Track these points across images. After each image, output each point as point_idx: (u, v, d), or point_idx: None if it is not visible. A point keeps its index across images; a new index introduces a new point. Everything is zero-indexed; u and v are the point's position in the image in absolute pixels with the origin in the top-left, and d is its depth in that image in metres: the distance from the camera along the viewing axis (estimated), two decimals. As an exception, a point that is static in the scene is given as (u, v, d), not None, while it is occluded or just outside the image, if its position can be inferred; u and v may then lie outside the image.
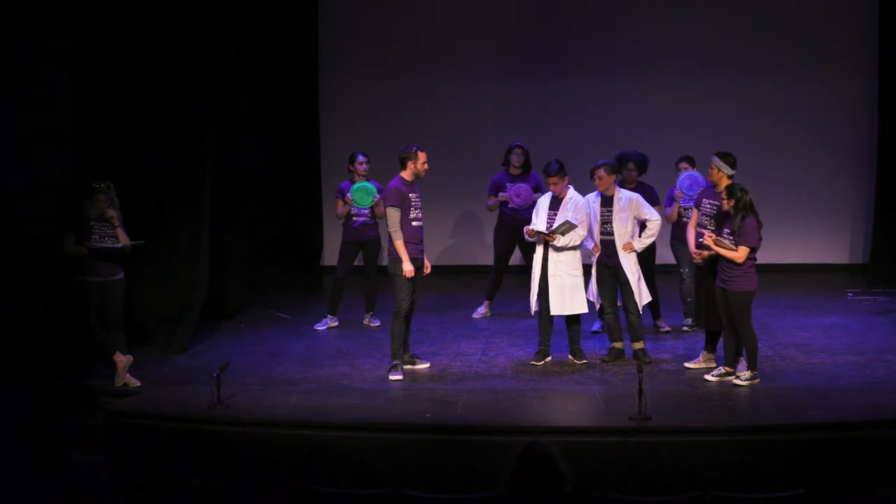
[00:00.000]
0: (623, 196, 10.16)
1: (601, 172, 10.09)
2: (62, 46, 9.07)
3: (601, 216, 10.16)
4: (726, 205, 9.26)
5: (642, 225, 10.31)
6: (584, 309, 10.13)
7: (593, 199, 10.21)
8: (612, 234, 10.13)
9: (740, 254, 9.19)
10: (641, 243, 10.22)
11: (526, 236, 10.18)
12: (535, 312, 10.21)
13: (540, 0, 14.73)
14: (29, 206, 8.80)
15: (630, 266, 10.15)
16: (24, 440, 8.42)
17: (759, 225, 9.26)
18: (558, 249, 10.01)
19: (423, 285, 10.06)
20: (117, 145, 10.47)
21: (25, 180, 8.78)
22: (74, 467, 8.17)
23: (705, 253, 9.46)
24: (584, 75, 14.66)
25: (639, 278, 10.22)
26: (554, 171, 10.01)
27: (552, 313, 10.09)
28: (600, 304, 10.42)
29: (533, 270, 10.15)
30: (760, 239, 9.27)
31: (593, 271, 10.32)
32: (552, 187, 10.05)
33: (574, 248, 10.04)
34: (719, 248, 9.23)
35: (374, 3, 14.86)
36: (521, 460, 4.94)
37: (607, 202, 10.16)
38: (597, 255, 10.24)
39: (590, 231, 10.17)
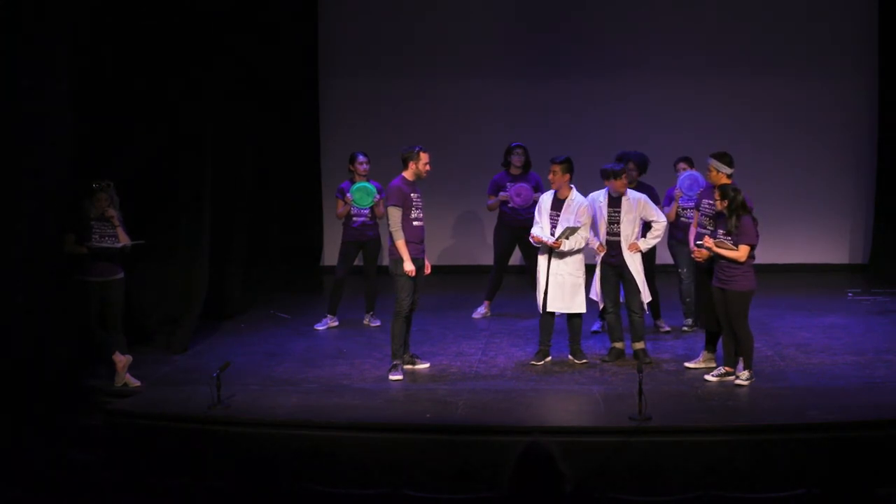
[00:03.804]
0: (631, 197, 10.16)
1: (623, 179, 10.11)
2: (62, 46, 9.06)
3: (608, 216, 10.16)
4: (719, 205, 9.28)
5: (646, 225, 10.32)
6: (583, 309, 10.13)
7: (601, 197, 10.21)
8: (618, 234, 10.14)
9: (741, 253, 9.20)
10: (646, 244, 10.23)
11: (532, 241, 10.18)
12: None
13: (540, 0, 14.74)
14: (29, 206, 8.79)
15: (635, 265, 10.16)
16: (25, 440, 8.41)
17: (755, 221, 9.29)
18: (563, 252, 10.00)
19: (423, 285, 10.06)
20: (117, 145, 10.47)
21: (25, 180, 8.77)
22: (74, 467, 8.15)
23: (704, 251, 9.47)
24: (584, 75, 14.67)
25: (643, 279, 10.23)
26: (559, 160, 10.00)
27: (549, 309, 10.09)
28: (603, 305, 10.42)
29: (538, 269, 10.15)
30: (758, 235, 9.30)
31: (597, 270, 10.32)
32: (550, 176, 10.04)
33: (579, 249, 10.04)
34: (720, 249, 9.24)
35: (374, 4, 14.86)
36: (521, 460, 4.94)
37: (615, 202, 10.15)
38: (602, 254, 10.24)
39: (595, 229, 10.17)
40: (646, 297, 10.26)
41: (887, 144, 14.32)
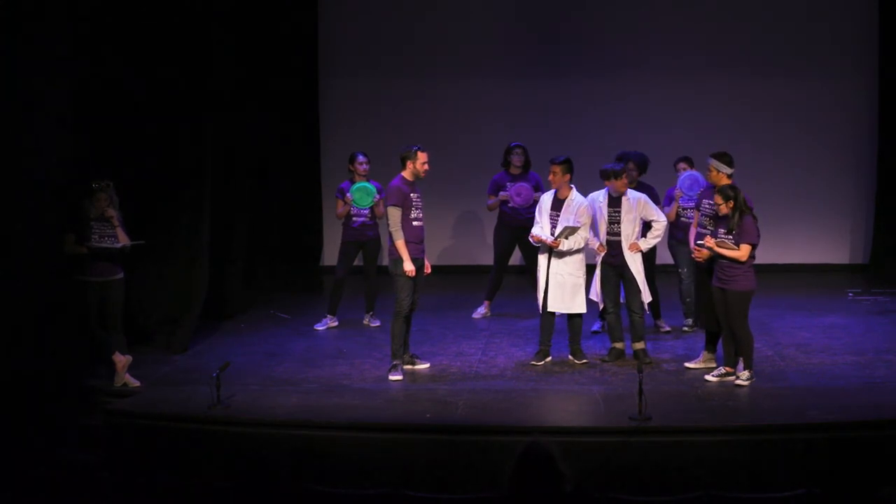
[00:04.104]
0: (631, 197, 10.16)
1: (624, 179, 10.11)
2: (61, 45, 9.05)
3: (608, 216, 10.15)
4: (724, 208, 9.25)
5: (647, 225, 10.31)
6: (583, 309, 10.13)
7: (601, 197, 10.20)
8: (618, 234, 10.13)
9: (743, 252, 9.21)
10: (647, 243, 10.23)
11: (532, 240, 10.19)
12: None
13: (540, 0, 14.74)
14: (29, 206, 8.79)
15: (636, 265, 10.15)
16: (25, 440, 8.41)
17: (755, 219, 9.30)
18: (562, 251, 10.00)
19: (423, 285, 10.06)
20: (117, 145, 10.48)
21: (25, 180, 8.77)
22: (74, 467, 8.16)
23: (705, 251, 9.47)
24: (584, 75, 14.67)
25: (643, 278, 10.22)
26: (559, 161, 10.01)
27: (549, 309, 10.09)
28: (603, 305, 10.42)
29: (538, 269, 10.16)
30: (759, 234, 9.31)
31: (597, 271, 10.32)
32: (550, 176, 10.05)
33: (579, 249, 10.03)
34: (722, 249, 9.24)
35: (373, 4, 14.86)
36: (521, 460, 4.94)
37: (615, 202, 10.15)
38: (602, 254, 10.24)
39: (595, 229, 10.17)
40: (646, 297, 10.26)
41: (887, 144, 14.31)
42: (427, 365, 10.15)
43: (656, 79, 14.54)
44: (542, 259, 10.13)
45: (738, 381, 9.35)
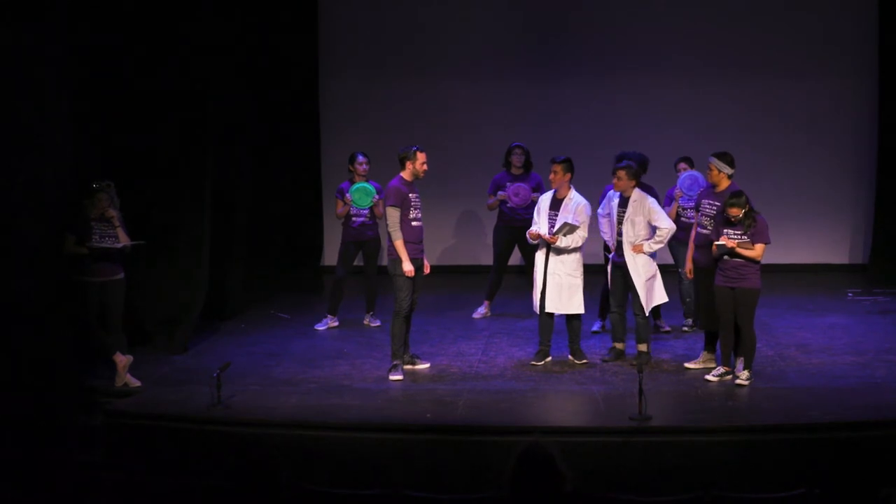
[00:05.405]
0: (638, 199, 10.12)
1: (621, 174, 10.07)
2: (62, 45, 9.05)
3: (617, 216, 10.14)
4: (739, 212, 9.22)
5: (655, 229, 10.28)
6: (581, 309, 10.12)
7: (616, 196, 10.19)
8: (622, 234, 10.12)
9: (758, 251, 9.23)
10: (650, 247, 10.16)
11: (528, 239, 10.19)
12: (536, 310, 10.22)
13: (540, 1, 14.74)
14: (29, 206, 8.79)
15: (637, 268, 10.10)
16: (25, 440, 8.41)
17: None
18: (560, 250, 10.01)
19: (423, 285, 10.06)
20: (117, 145, 10.48)
21: (25, 180, 8.76)
22: (74, 467, 8.15)
23: (691, 266, 9.58)
24: (584, 75, 14.67)
25: (648, 279, 10.13)
26: (559, 160, 10.01)
27: (547, 310, 10.09)
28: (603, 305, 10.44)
29: (535, 269, 10.16)
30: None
31: (608, 269, 10.33)
32: (551, 176, 10.05)
33: (576, 249, 10.03)
34: (742, 250, 9.24)
35: (373, 3, 14.86)
36: (521, 460, 4.94)
37: (624, 203, 10.14)
38: (612, 253, 10.26)
39: (611, 227, 10.17)
40: (650, 300, 10.13)
41: (887, 144, 14.30)
42: (427, 365, 10.16)
43: (657, 79, 14.53)
44: (539, 258, 10.12)
45: (738, 381, 9.35)
